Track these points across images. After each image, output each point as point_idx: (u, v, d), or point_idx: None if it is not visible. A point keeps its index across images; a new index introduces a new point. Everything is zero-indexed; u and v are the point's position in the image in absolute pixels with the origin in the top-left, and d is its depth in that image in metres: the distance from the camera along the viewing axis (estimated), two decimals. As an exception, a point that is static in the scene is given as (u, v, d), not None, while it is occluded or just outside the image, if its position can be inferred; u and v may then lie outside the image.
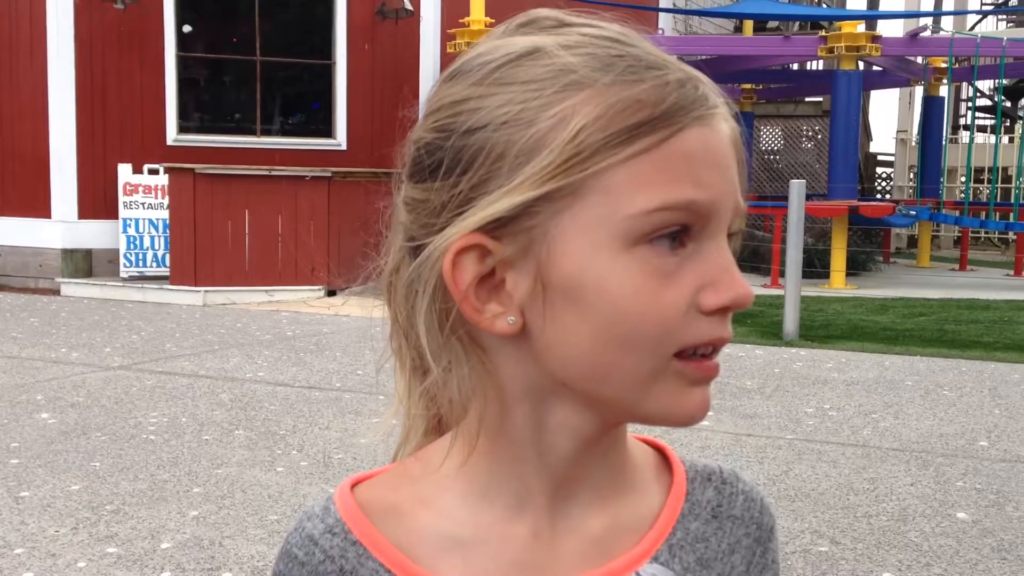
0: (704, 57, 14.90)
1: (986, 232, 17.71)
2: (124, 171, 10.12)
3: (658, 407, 0.58)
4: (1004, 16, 20.20)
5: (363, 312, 8.10)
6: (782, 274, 8.34)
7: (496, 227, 0.57)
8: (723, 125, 0.58)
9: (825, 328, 8.09)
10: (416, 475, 0.65)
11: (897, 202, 13.97)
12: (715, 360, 0.59)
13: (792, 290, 7.52)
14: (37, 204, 10.50)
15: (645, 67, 0.56)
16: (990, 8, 17.59)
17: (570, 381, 0.60)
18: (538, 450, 0.62)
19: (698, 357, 0.58)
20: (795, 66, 16.41)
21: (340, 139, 11.46)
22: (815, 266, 10.84)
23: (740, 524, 0.67)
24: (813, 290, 10.11)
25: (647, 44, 0.59)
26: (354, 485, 0.66)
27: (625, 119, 0.55)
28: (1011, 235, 15.37)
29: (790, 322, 7.58)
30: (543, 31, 0.59)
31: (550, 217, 0.56)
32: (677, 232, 0.56)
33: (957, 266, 14.01)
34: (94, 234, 10.43)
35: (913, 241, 16.80)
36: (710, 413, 5.34)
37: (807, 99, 17.19)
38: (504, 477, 0.63)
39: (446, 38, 11.21)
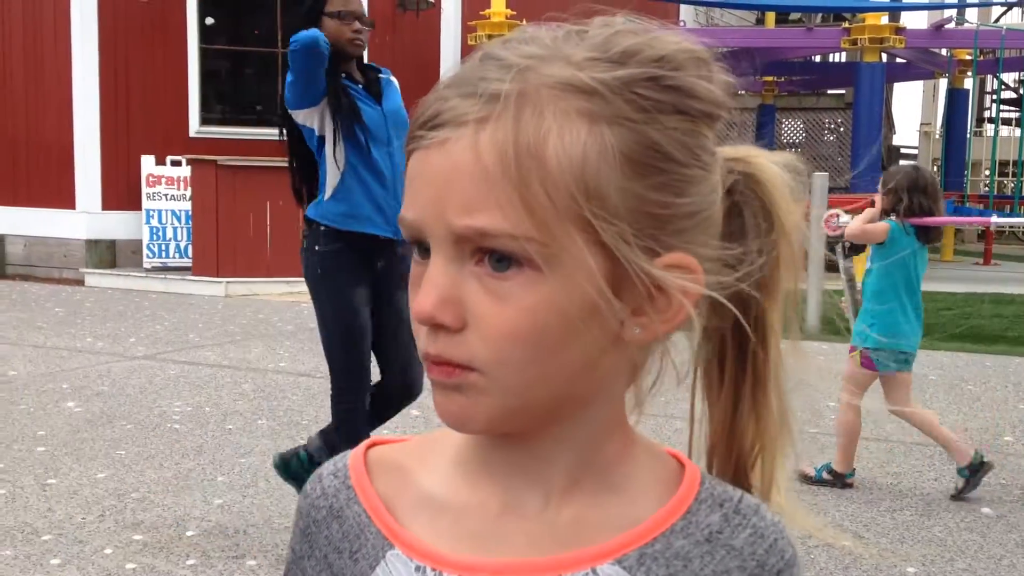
0: (726, 49, 14.80)
1: (1011, 226, 17.55)
2: (147, 162, 10.18)
3: None
4: (1030, 8, 19.97)
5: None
6: (804, 268, 8.30)
7: None
8: (439, 152, 0.57)
9: (848, 322, 8.04)
10: (430, 442, 0.70)
11: (920, 195, 13.84)
12: (439, 370, 0.59)
13: (815, 284, 7.47)
14: (62, 195, 10.57)
15: (442, 87, 0.60)
16: (1015, 0, 17.42)
17: None
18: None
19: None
20: (817, 58, 16.31)
21: (361, 131, 11.46)
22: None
23: (736, 556, 0.64)
24: (836, 284, 10.04)
25: (510, 52, 0.59)
26: (372, 445, 0.72)
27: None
28: (1036, 229, 15.22)
29: (812, 316, 7.55)
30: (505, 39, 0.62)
31: None
32: (423, 244, 0.60)
33: (981, 260, 13.89)
34: (118, 225, 10.49)
35: (936, 235, 16.65)
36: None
37: (829, 91, 17.07)
38: (477, 451, 0.66)
39: (467, 30, 11.20)
